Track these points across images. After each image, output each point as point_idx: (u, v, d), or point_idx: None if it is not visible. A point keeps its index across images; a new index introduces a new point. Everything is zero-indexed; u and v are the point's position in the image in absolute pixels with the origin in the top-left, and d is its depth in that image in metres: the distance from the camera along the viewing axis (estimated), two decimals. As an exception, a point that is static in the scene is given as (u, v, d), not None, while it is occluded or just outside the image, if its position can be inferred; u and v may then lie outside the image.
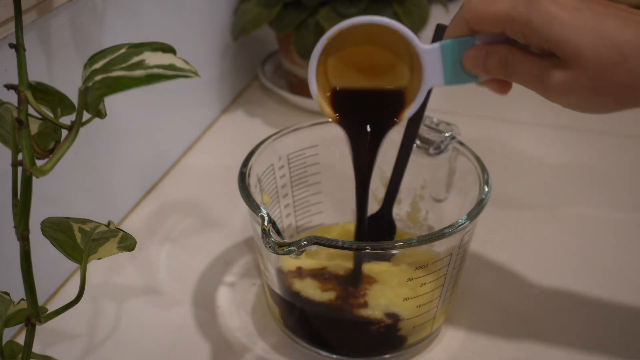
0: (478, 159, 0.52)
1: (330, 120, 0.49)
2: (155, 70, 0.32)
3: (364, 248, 0.47)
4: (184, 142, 0.76)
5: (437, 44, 0.45)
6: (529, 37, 0.41)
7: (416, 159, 0.54)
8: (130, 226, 0.65)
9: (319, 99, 0.48)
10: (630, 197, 0.69)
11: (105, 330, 0.54)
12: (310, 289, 0.50)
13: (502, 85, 0.46)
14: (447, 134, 0.54)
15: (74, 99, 0.36)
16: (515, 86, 0.46)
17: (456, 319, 0.55)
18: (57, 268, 0.57)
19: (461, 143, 0.54)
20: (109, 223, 0.43)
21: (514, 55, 0.43)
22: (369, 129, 0.49)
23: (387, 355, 0.51)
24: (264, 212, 0.45)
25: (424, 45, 0.45)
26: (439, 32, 0.49)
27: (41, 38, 0.51)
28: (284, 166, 0.57)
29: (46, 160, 0.34)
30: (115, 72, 0.33)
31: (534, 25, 0.40)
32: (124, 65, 0.33)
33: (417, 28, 0.78)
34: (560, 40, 0.39)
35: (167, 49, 0.34)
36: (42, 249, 0.43)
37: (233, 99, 0.87)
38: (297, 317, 0.51)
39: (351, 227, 0.54)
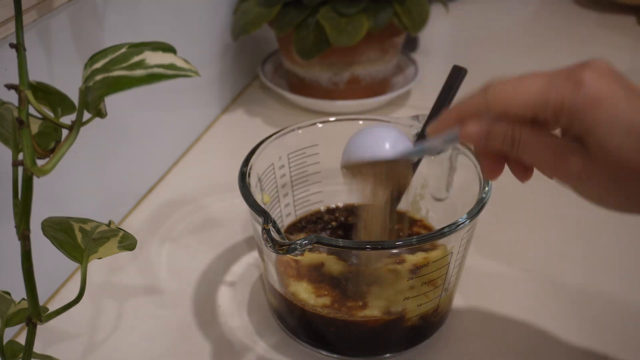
0: (478, 158, 0.52)
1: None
2: (156, 70, 0.32)
3: (364, 247, 0.47)
4: (184, 142, 0.76)
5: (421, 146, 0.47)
6: (566, 123, 0.36)
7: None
8: (130, 226, 0.65)
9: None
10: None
11: (106, 330, 0.54)
12: (305, 293, 0.50)
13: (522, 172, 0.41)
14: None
15: (75, 98, 0.36)
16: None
17: (456, 318, 0.55)
18: (58, 268, 0.57)
19: (461, 143, 0.54)
20: (110, 223, 0.43)
21: (526, 135, 0.38)
22: None
23: (388, 355, 0.51)
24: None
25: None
26: (455, 74, 0.50)
27: (41, 38, 0.51)
28: (284, 166, 0.57)
29: (47, 160, 0.34)
30: (116, 72, 0.33)
31: (579, 114, 0.35)
32: (124, 64, 0.33)
33: (417, 28, 0.78)
34: (597, 135, 0.35)
35: (168, 48, 0.34)
36: (43, 249, 0.43)
37: (233, 99, 0.87)
38: (297, 316, 0.51)
39: None
